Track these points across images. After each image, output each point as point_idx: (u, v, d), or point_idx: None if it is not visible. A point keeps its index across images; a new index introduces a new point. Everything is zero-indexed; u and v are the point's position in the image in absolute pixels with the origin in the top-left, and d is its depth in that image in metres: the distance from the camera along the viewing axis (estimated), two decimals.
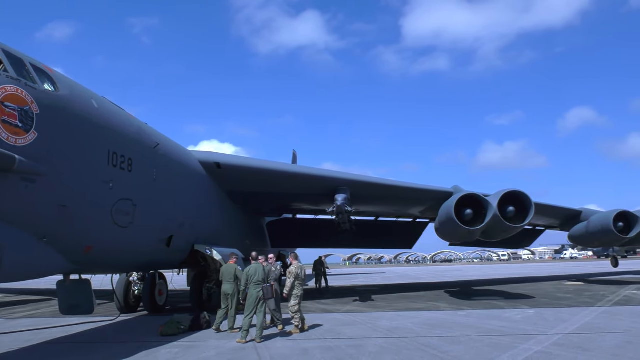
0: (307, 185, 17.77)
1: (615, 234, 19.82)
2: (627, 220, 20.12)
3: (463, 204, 16.22)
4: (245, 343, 9.24)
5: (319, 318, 12.53)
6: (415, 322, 11.42)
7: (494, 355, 7.43)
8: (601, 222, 20.53)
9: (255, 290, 9.90)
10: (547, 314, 12.22)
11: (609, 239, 20.98)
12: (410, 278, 36.18)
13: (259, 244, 22.28)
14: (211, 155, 16.39)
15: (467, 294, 18.94)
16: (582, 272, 35.07)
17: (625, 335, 8.74)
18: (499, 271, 44.42)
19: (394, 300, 17.38)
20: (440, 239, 19.03)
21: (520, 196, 16.33)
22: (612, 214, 20.05)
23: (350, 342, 8.92)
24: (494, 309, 13.64)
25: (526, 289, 20.52)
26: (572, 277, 28.98)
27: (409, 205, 21.01)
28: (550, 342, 8.34)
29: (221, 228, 16.78)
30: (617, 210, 20.17)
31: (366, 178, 18.60)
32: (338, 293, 21.84)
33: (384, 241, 26.07)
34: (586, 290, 18.96)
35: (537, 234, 26.04)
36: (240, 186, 17.22)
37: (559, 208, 22.28)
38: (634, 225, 19.95)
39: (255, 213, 22.10)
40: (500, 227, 16.29)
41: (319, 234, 24.88)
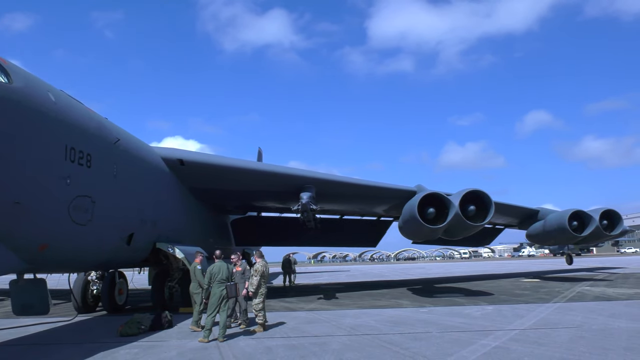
0: (272, 183, 17.69)
1: (570, 233, 20.54)
2: (581, 219, 20.88)
3: (426, 202, 16.49)
4: (207, 342, 9.13)
5: (282, 316, 12.50)
6: (378, 319, 11.54)
7: (453, 350, 7.58)
8: (557, 221, 21.25)
9: (218, 289, 9.78)
10: (505, 310, 12.57)
11: (564, 238, 21.73)
12: (374, 276, 36.56)
13: (223, 242, 22.04)
14: (174, 152, 16.09)
15: (429, 292, 19.28)
16: (538, 270, 36.26)
17: (578, 330, 9.08)
18: (461, 269, 45.43)
19: (358, 298, 17.52)
20: (403, 237, 19.29)
21: (481, 195, 16.72)
22: (567, 214, 20.77)
23: (314, 340, 8.94)
24: (455, 305, 13.93)
25: (486, 286, 21.07)
26: (530, 275, 29.93)
27: (373, 204, 21.22)
28: (508, 337, 8.58)
29: (184, 226, 16.51)
30: (572, 210, 20.91)
31: (331, 176, 18.66)
32: (302, 291, 21.84)
33: (348, 239, 26.26)
34: (542, 287, 19.61)
35: (496, 232, 26.76)
36: (204, 183, 16.98)
37: (518, 207, 22.95)
38: (587, 224, 20.71)
39: (219, 211, 21.84)
40: (462, 226, 16.63)
41: (284, 232, 24.83)
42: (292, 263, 28.75)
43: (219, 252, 10.70)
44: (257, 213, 24.49)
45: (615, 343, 7.76)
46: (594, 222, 20.40)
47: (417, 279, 29.41)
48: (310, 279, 34.36)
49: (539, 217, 22.99)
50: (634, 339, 8.08)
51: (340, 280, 31.10)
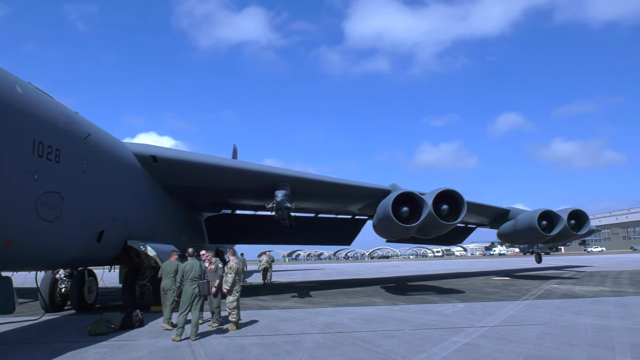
0: (246, 180, 17.57)
1: (539, 232, 21.02)
2: (550, 219, 21.39)
3: (400, 201, 16.63)
4: (180, 341, 9.02)
5: (256, 314, 12.45)
6: (351, 317, 11.60)
7: (425, 347, 7.68)
8: (527, 220, 21.73)
9: (190, 287, 9.67)
10: (476, 307, 12.79)
11: (534, 237, 22.22)
12: (349, 274, 36.73)
13: (196, 239, 21.81)
14: (147, 148, 15.83)
15: (402, 289, 19.47)
16: (509, 268, 37.02)
17: (545, 327, 9.31)
18: (433, 267, 46.03)
19: (331, 296, 17.57)
20: (378, 235, 19.44)
21: (454, 195, 16.95)
22: (536, 213, 21.26)
23: (287, 338, 8.92)
24: (427, 303, 14.11)
25: (458, 284, 21.40)
26: (500, 273, 30.54)
27: (348, 203, 21.30)
28: (478, 334, 8.74)
29: (156, 223, 16.27)
30: (541, 210, 21.41)
31: (307, 175, 18.64)
32: (276, 289, 21.80)
33: (323, 237, 26.31)
34: (512, 285, 20.03)
35: (469, 231, 27.22)
36: (178, 180, 16.75)
37: (489, 207, 23.38)
38: (556, 224, 21.24)
39: (192, 208, 21.60)
40: (435, 225, 16.84)
41: (259, 230, 24.72)
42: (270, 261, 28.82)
43: (192, 250, 10.58)
44: (232, 211, 24.30)
45: (581, 339, 7.98)
46: (562, 221, 20.92)
47: (391, 277, 29.68)
48: (285, 277, 34.32)
49: (510, 216, 23.46)
50: (598, 335, 8.32)
51: (315, 279, 31.15)
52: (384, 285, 22.04)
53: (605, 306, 12.20)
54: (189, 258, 10.25)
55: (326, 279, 31.03)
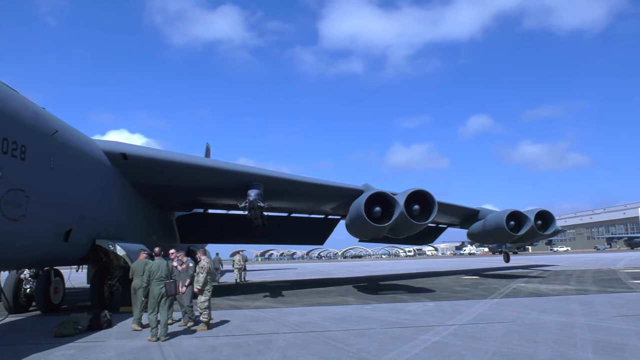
0: (219, 179, 17.43)
1: (507, 232, 21.49)
2: (517, 219, 21.89)
3: (372, 201, 16.77)
4: (156, 341, 8.91)
5: (228, 314, 12.38)
6: (323, 316, 11.64)
7: (395, 346, 7.77)
8: (496, 220, 22.19)
9: (157, 287, 9.55)
10: (445, 306, 13.01)
11: (502, 236, 22.71)
12: (321, 273, 36.81)
13: (168, 239, 21.52)
14: (117, 145, 15.53)
15: (374, 289, 19.64)
16: (478, 267, 37.72)
17: (512, 325, 9.54)
18: (405, 266, 46.55)
19: (304, 295, 17.59)
20: (350, 235, 19.56)
21: (425, 195, 17.19)
22: (505, 214, 21.73)
23: (258, 338, 8.90)
24: (399, 302, 14.28)
25: (428, 283, 21.71)
26: (469, 272, 31.10)
27: (321, 202, 21.36)
28: (447, 332, 8.89)
29: (126, 222, 15.98)
30: (509, 210, 21.89)
31: (280, 174, 18.61)
32: (248, 289, 21.69)
33: (296, 237, 26.33)
34: (481, 284, 20.43)
35: (440, 231, 27.65)
36: (148, 179, 16.49)
37: (459, 207, 23.79)
38: (523, 224, 21.75)
39: (164, 207, 21.30)
40: (407, 224, 17.04)
41: (231, 230, 24.55)
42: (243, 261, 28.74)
43: (158, 249, 10.46)
44: (204, 210, 24.11)
45: (546, 336, 8.21)
46: (530, 222, 21.45)
47: (363, 277, 29.89)
48: (257, 276, 34.17)
49: (479, 216, 23.92)
50: (562, 332, 8.58)
51: (287, 278, 31.11)
52: (356, 285, 22.18)
53: (569, 304, 12.57)
54: (156, 258, 10.14)
55: (299, 278, 31.04)
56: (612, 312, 10.85)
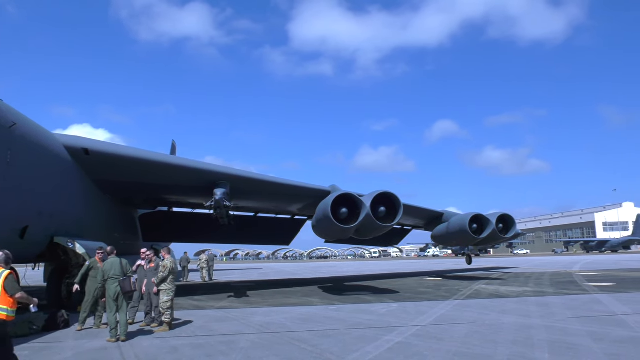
0: (184, 177, 17.15)
1: (470, 235, 21.94)
2: (480, 222, 22.38)
3: (339, 202, 16.82)
4: (115, 342, 8.68)
5: (191, 315, 12.19)
6: (288, 317, 11.61)
7: (359, 347, 7.82)
8: (459, 223, 22.62)
9: (113, 286, 9.32)
10: (409, 307, 13.17)
11: (465, 239, 23.18)
12: (287, 274, 36.72)
13: (130, 237, 21.04)
14: (78, 140, 15.08)
15: (339, 290, 19.72)
16: (441, 269, 38.41)
17: (473, 325, 9.75)
18: (370, 267, 46.94)
19: (269, 296, 17.50)
20: (317, 236, 19.58)
21: (391, 197, 17.37)
22: (468, 217, 22.19)
23: (222, 339, 8.80)
24: (363, 303, 14.38)
25: (392, 284, 21.95)
26: (433, 273, 31.61)
27: (288, 203, 21.30)
28: (410, 333, 9.00)
29: (86, 219, 15.51)
30: (472, 213, 22.36)
31: (247, 173, 18.46)
32: (212, 289, 21.43)
33: (262, 237, 26.18)
34: (444, 285, 20.80)
35: (405, 233, 28.00)
36: (111, 175, 16.07)
37: (424, 210, 24.15)
38: (485, 227, 22.25)
39: (126, 204, 20.80)
40: (372, 226, 17.17)
41: (196, 229, 24.17)
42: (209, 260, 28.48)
43: (110, 248, 10.23)
44: (168, 208, 23.63)
45: (504, 337, 8.42)
46: (491, 225, 21.95)
47: (329, 277, 29.97)
48: (222, 276, 33.79)
49: (444, 219, 24.33)
50: (519, 332, 8.82)
51: (252, 278, 30.90)
52: (321, 286, 22.21)
53: (527, 306, 12.92)
54: (109, 257, 9.92)
55: (264, 278, 30.86)
56: (567, 314, 11.22)
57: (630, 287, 17.82)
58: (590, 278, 23.09)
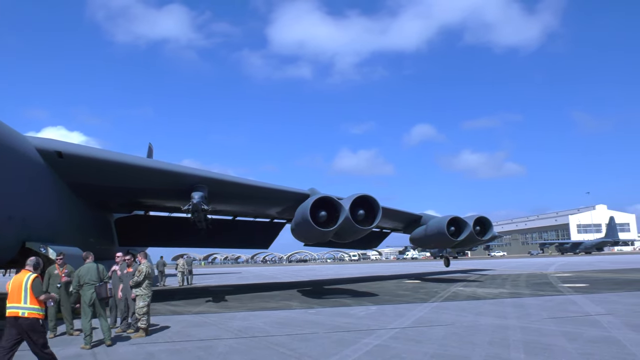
0: (161, 180, 16.93)
1: (448, 237, 22.16)
2: (457, 225, 22.63)
3: (318, 206, 16.80)
4: (90, 349, 8.48)
5: (168, 320, 12.01)
6: (266, 321, 11.53)
7: (337, 350, 7.80)
8: (437, 226, 22.84)
9: (89, 292, 9.13)
10: (387, 310, 13.22)
11: (443, 241, 23.41)
12: (266, 278, 36.54)
13: (105, 242, 20.67)
14: (51, 143, 14.75)
15: (318, 293, 19.69)
16: (420, 271, 38.70)
17: (450, 327, 9.82)
18: (349, 270, 47.02)
19: (247, 300, 17.38)
20: (296, 239, 19.53)
21: (370, 200, 17.44)
22: (445, 219, 22.41)
23: (199, 344, 8.69)
24: (342, 306, 14.37)
25: (371, 287, 22.01)
26: (412, 276, 31.83)
27: (267, 206, 21.20)
28: (389, 335, 9.03)
29: (60, 224, 15.17)
30: (450, 216, 22.61)
31: (225, 176, 18.32)
32: (190, 294, 21.18)
33: (241, 241, 25.95)
34: (422, 288, 20.95)
35: (384, 235, 28.13)
36: (86, 179, 15.77)
37: (403, 212, 24.32)
38: (463, 230, 22.51)
39: (102, 208, 20.44)
40: (352, 229, 17.21)
41: (173, 233, 23.88)
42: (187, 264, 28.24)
43: (86, 253, 10.03)
44: (145, 212, 23.27)
45: (481, 338, 8.51)
46: (469, 227, 22.22)
47: (308, 281, 29.91)
48: (200, 281, 33.44)
49: (422, 222, 24.53)
50: (496, 333, 8.92)
51: (231, 283, 30.65)
52: (300, 289, 22.15)
53: (504, 307, 13.09)
54: (85, 262, 9.73)
55: (242, 282, 30.65)
56: (542, 314, 11.40)
57: (603, 287, 18.22)
58: (564, 279, 23.54)
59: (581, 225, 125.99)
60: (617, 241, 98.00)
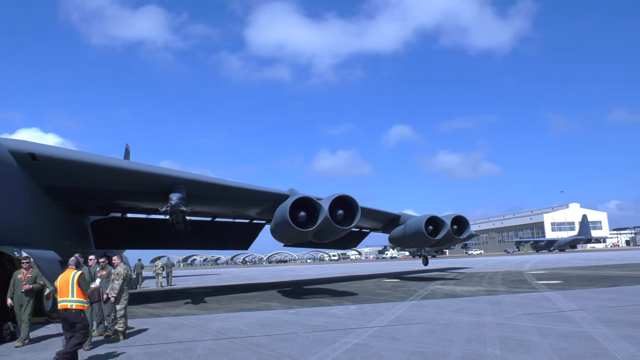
0: (138, 182, 16.71)
1: (426, 236, 22.40)
2: (435, 224, 22.90)
3: (298, 206, 16.82)
4: None
5: (146, 322, 11.90)
6: (246, 322, 11.51)
7: (317, 349, 7.85)
8: (415, 225, 23.07)
9: None
10: (367, 308, 13.32)
11: (422, 240, 23.64)
12: (246, 279, 36.40)
13: (82, 244, 20.28)
14: (25, 145, 14.43)
15: (298, 293, 19.71)
16: (399, 270, 39.03)
17: (428, 325, 9.96)
18: (329, 270, 47.13)
19: (226, 301, 17.30)
20: (275, 240, 19.49)
21: (349, 200, 17.52)
22: (424, 219, 22.66)
23: (178, 346, 8.63)
24: (321, 306, 14.43)
25: (351, 287, 22.13)
26: (391, 275, 32.09)
27: (246, 207, 21.12)
28: (368, 334, 9.11)
29: (34, 227, 14.86)
30: (428, 215, 22.86)
31: (203, 177, 18.19)
32: (168, 296, 20.98)
33: (220, 242, 25.76)
34: (401, 287, 21.15)
35: (363, 235, 28.27)
36: (60, 181, 15.47)
37: (382, 212, 24.48)
38: (441, 229, 22.78)
39: (77, 211, 20.07)
40: (331, 229, 17.26)
41: (152, 235, 23.58)
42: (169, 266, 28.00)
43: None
44: (122, 214, 22.95)
45: (459, 335, 8.65)
46: (446, 226, 22.51)
47: (288, 281, 29.90)
48: (179, 282, 33.11)
49: (401, 221, 24.73)
50: (473, 330, 9.08)
51: (210, 284, 30.44)
52: (280, 290, 22.14)
53: (480, 304, 13.32)
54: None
55: (222, 284, 30.48)
56: (518, 311, 11.64)
57: (576, 284, 18.67)
58: (539, 276, 24.03)
59: (555, 224, 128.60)
60: (589, 239, 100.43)
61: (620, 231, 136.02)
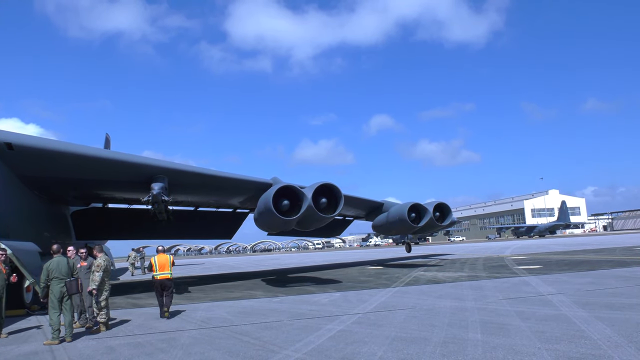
0: (119, 172, 16.50)
1: (409, 223, 22.58)
2: (418, 211, 23.08)
3: (281, 195, 16.80)
4: (58, 344, 8.28)
5: (128, 313, 11.84)
6: (230, 311, 11.52)
7: (302, 336, 7.89)
8: (398, 213, 23.23)
9: (58, 286, 8.90)
10: (350, 296, 13.42)
11: (405, 228, 23.81)
12: (230, 268, 36.36)
13: (62, 235, 20.00)
14: (1, 134, 14.13)
15: (282, 281, 19.76)
16: (382, 258, 39.37)
17: (411, 311, 10.08)
18: (313, 258, 47.34)
19: (210, 290, 17.27)
20: (259, 229, 19.46)
21: (332, 189, 17.56)
22: (406, 206, 22.81)
23: (161, 336, 8.60)
24: (306, 294, 14.50)
25: (335, 274, 22.26)
26: (374, 262, 32.35)
27: (229, 196, 21.03)
28: (352, 321, 9.19)
29: (11, 218, 14.58)
30: (411, 203, 23.02)
31: (186, 167, 18.04)
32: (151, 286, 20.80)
33: (203, 231, 25.69)
34: (384, 273, 21.34)
35: (347, 223, 28.43)
36: (38, 171, 15.20)
37: (365, 200, 24.61)
38: (423, 216, 22.98)
39: (57, 201, 19.76)
40: (314, 217, 17.29)
41: (133, 225, 23.39)
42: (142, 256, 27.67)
43: (57, 246, 9.71)
44: (103, 204, 22.67)
45: (441, 320, 8.78)
46: (429, 213, 22.72)
47: (272, 270, 29.95)
48: None
49: (384, 209, 24.89)
50: (454, 315, 9.22)
51: (194, 274, 30.33)
52: (264, 278, 22.17)
53: (462, 290, 13.52)
54: (54, 255, 9.43)
55: (206, 273, 30.41)
56: (498, 296, 11.84)
57: (555, 268, 19.05)
58: (519, 261, 24.44)
59: (535, 210, 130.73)
60: (568, 224, 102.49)
61: (597, 217, 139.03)
